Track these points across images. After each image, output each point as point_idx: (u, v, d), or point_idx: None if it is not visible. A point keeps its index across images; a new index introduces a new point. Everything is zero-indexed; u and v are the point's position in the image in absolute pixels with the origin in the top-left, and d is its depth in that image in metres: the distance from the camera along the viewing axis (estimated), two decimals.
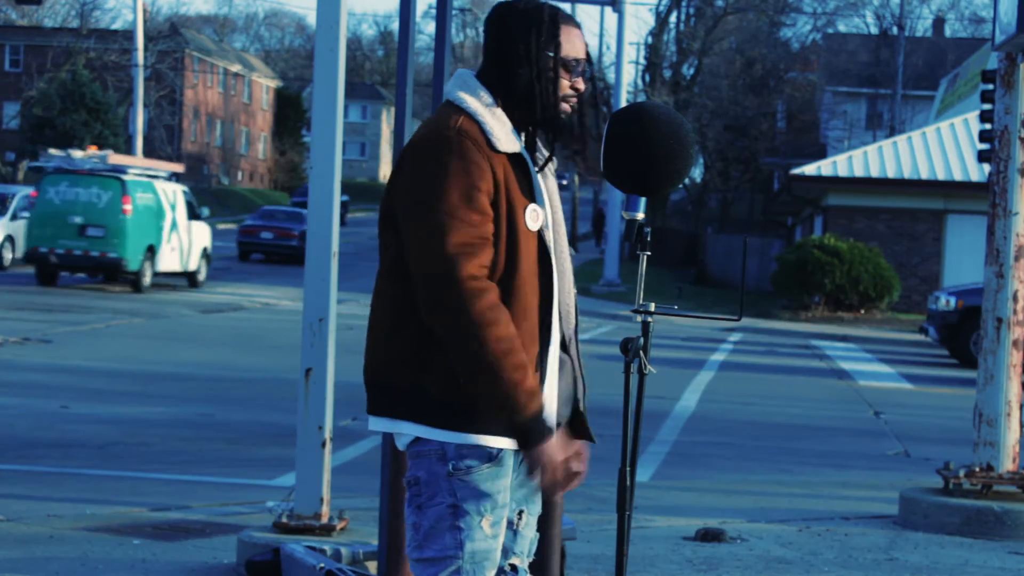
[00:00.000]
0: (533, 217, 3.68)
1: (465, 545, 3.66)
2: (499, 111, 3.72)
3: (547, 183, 3.82)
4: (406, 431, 3.69)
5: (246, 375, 16.81)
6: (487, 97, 3.72)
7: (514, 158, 3.69)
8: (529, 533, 3.87)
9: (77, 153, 31.54)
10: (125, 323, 23.11)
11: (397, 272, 3.67)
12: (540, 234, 3.70)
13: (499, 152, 3.65)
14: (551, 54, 3.72)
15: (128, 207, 30.05)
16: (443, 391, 3.62)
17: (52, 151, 32.01)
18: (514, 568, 3.84)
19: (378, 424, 3.76)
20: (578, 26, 3.80)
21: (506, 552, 3.82)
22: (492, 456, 3.67)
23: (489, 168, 3.62)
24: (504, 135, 3.68)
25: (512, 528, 3.82)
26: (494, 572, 3.72)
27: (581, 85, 3.77)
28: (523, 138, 3.77)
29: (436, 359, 3.62)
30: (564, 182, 60.35)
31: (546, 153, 3.82)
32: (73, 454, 11.05)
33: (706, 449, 12.95)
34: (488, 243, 3.58)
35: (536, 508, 3.88)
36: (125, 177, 30.41)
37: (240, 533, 7.30)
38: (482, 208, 3.58)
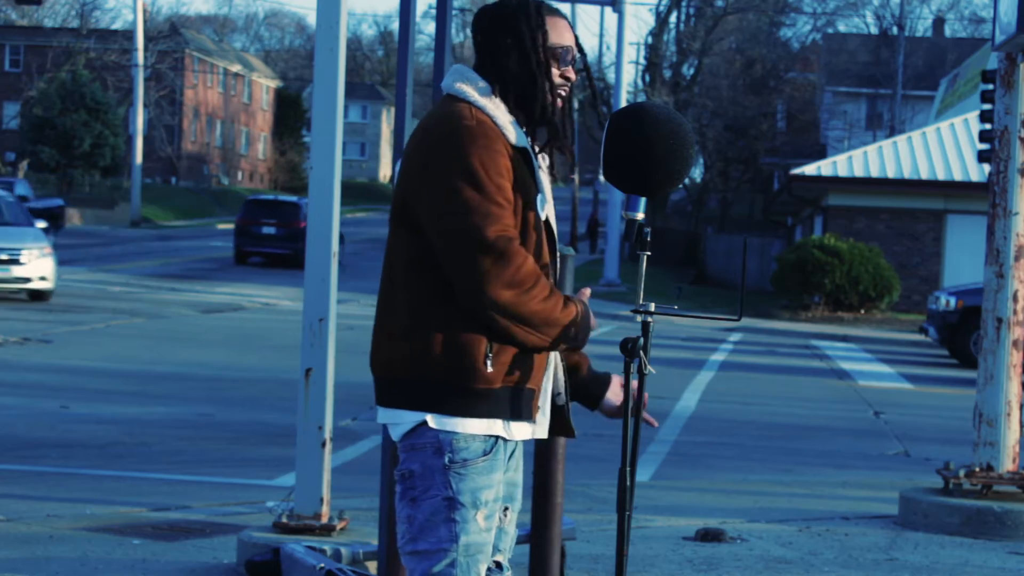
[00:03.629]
0: (542, 207, 3.73)
1: (460, 538, 3.68)
2: (500, 103, 3.75)
3: (544, 177, 3.85)
4: (412, 420, 3.71)
5: (246, 375, 16.81)
6: (487, 90, 3.76)
7: (519, 151, 3.73)
8: (512, 530, 3.90)
9: None
10: (125, 323, 23.11)
11: (415, 267, 3.69)
12: (548, 225, 3.76)
13: (510, 143, 3.70)
14: (540, 44, 3.76)
15: None
16: (480, 380, 3.66)
17: None
18: (498, 565, 3.86)
19: (386, 415, 3.78)
20: (564, 17, 3.84)
21: (492, 548, 3.84)
22: (487, 450, 3.69)
23: (508, 157, 3.66)
24: (511, 128, 3.72)
25: (499, 525, 3.83)
26: (485, 566, 3.74)
27: (572, 74, 3.82)
28: (531, 130, 3.81)
29: (470, 350, 3.65)
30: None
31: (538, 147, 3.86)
32: (73, 454, 11.05)
33: (706, 449, 12.95)
34: (516, 232, 3.64)
35: (517, 504, 3.92)
36: None
37: (240, 533, 7.30)
38: (508, 196, 3.65)
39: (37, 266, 25.60)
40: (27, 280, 25.56)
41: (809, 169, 37.17)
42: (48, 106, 60.90)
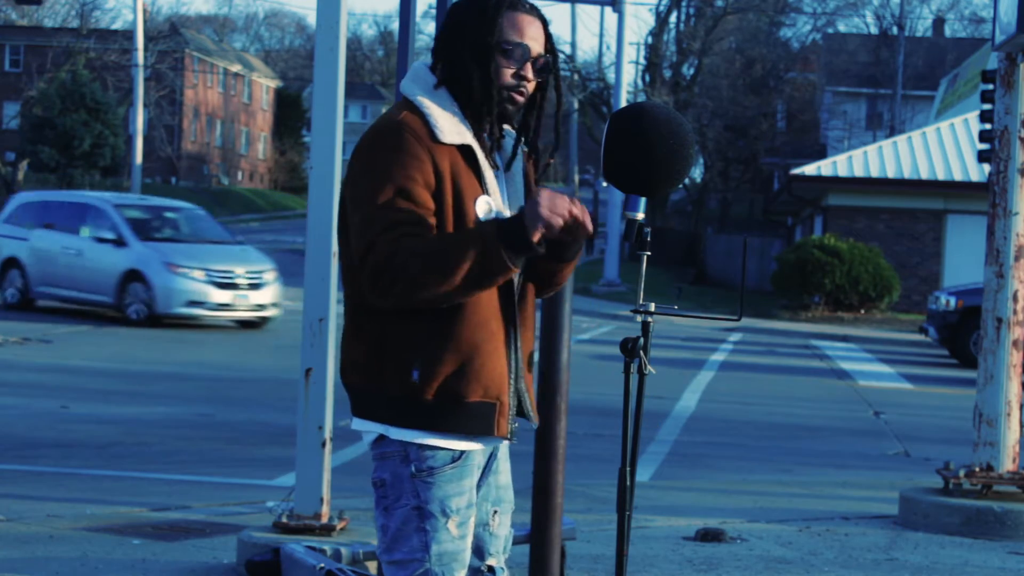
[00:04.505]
0: (483, 208, 3.65)
1: (431, 547, 3.64)
2: (448, 102, 3.70)
3: (510, 181, 3.81)
4: (374, 430, 3.69)
5: (246, 375, 16.81)
6: (440, 91, 3.72)
7: (463, 149, 3.67)
8: (503, 532, 3.86)
9: None
10: (125, 323, 23.10)
11: (354, 275, 3.67)
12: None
13: (444, 144, 3.63)
14: (482, 37, 3.68)
15: None
16: (402, 391, 3.61)
17: None
18: (491, 569, 3.83)
19: (357, 424, 3.76)
20: (536, 16, 3.73)
21: (482, 553, 3.81)
22: (455, 457, 3.66)
23: (430, 160, 3.60)
24: (450, 126, 3.65)
25: (488, 529, 3.81)
26: (464, 573, 3.71)
27: (530, 74, 3.71)
28: (478, 128, 3.73)
29: (394, 360, 3.61)
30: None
31: (509, 144, 3.80)
32: (73, 454, 11.05)
33: (706, 449, 12.95)
34: (420, 225, 3.55)
35: (508, 506, 3.88)
36: None
37: (240, 533, 7.30)
38: (418, 199, 3.57)
39: (271, 291, 22.99)
40: (262, 307, 22.93)
41: (809, 169, 37.16)
42: (48, 106, 60.85)
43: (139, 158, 60.56)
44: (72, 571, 7.06)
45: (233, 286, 22.36)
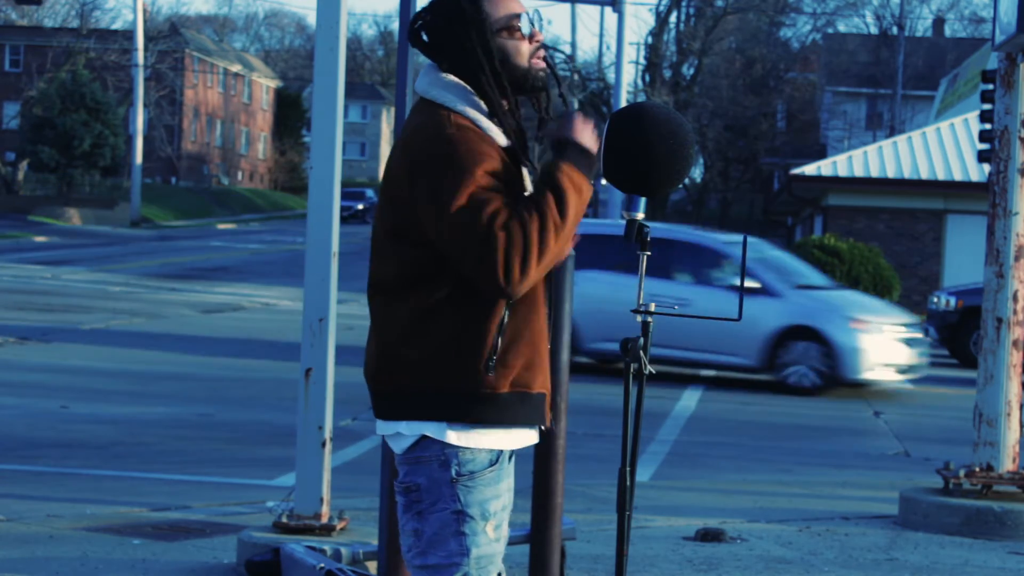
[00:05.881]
0: None
1: (471, 551, 3.64)
2: (479, 103, 3.69)
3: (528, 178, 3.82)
4: (421, 432, 3.64)
5: (246, 375, 16.81)
6: (463, 91, 3.70)
7: (507, 151, 3.68)
8: (505, 533, 3.87)
9: None
10: (125, 323, 23.11)
11: (413, 279, 3.63)
12: None
13: (497, 144, 3.65)
14: (491, 33, 3.67)
15: None
16: (473, 387, 3.60)
17: None
18: None
19: (385, 428, 3.71)
20: None
21: None
22: (493, 460, 3.66)
23: (498, 155, 3.61)
24: (492, 127, 3.66)
25: None
26: (497, 573, 3.71)
27: (539, 34, 3.75)
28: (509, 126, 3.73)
29: (467, 356, 3.60)
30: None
31: (531, 144, 3.80)
32: (73, 454, 11.05)
33: (706, 449, 12.95)
34: (514, 205, 3.58)
35: (509, 506, 3.88)
36: None
37: (240, 533, 7.30)
38: (501, 189, 3.59)
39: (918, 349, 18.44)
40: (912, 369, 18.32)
41: (809, 169, 37.14)
42: (48, 106, 60.87)
43: (139, 158, 60.65)
44: (72, 571, 7.06)
45: (910, 342, 18.19)
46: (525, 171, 3.73)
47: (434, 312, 3.61)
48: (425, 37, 3.75)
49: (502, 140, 3.66)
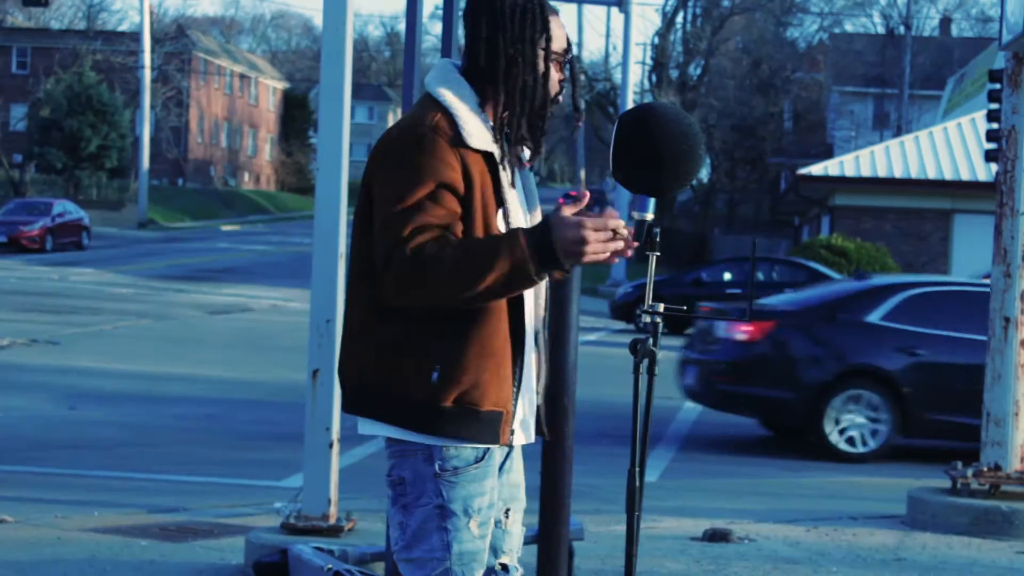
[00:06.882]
0: (504, 219, 3.64)
1: (453, 546, 3.63)
2: (475, 104, 3.66)
3: (525, 179, 3.80)
4: (390, 434, 3.64)
5: (254, 376, 16.82)
6: (467, 92, 3.68)
7: (487, 156, 3.64)
8: (516, 530, 3.85)
9: None
10: (133, 324, 23.13)
11: (368, 271, 3.62)
12: None
13: (473, 149, 3.60)
14: (542, 48, 3.67)
15: None
16: (419, 396, 3.57)
17: None
18: (504, 567, 3.83)
19: (366, 426, 3.71)
20: (558, 13, 3.75)
21: (496, 551, 3.81)
22: (478, 457, 3.64)
23: (460, 165, 3.57)
24: (478, 132, 3.62)
25: (500, 527, 3.81)
26: (482, 572, 3.71)
27: (564, 76, 3.74)
28: (505, 134, 3.69)
29: (412, 364, 3.57)
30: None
31: (528, 149, 3.77)
32: (81, 455, 11.06)
33: (714, 449, 12.95)
34: (448, 229, 3.52)
35: (521, 504, 3.87)
36: None
37: (248, 534, 7.30)
38: (448, 205, 3.54)
39: None
40: None
41: (816, 169, 37.13)
42: (55, 108, 60.96)
43: (146, 160, 60.71)
44: (80, 572, 7.06)
45: None
46: (505, 176, 3.68)
47: (382, 312, 3.60)
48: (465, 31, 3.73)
49: (483, 145, 3.62)
